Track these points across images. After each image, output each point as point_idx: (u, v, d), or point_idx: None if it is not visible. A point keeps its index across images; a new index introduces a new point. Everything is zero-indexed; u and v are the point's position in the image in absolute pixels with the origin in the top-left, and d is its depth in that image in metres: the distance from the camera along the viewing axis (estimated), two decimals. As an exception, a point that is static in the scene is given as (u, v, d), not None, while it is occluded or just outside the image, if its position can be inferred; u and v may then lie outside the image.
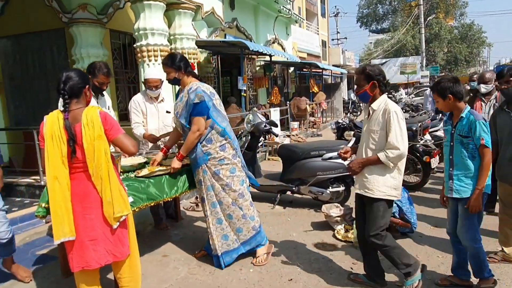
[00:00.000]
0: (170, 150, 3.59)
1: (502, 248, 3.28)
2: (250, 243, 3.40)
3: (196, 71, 3.48)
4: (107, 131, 2.37)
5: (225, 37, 10.60)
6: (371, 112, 2.75)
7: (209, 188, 3.27)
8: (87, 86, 2.41)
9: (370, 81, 2.69)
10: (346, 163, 3.36)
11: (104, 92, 3.73)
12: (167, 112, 4.22)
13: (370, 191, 2.71)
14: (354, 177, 2.95)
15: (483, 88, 4.61)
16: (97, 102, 3.54)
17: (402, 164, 2.71)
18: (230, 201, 3.29)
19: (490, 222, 3.84)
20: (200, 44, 8.37)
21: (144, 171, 3.24)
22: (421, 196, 5.28)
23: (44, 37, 6.77)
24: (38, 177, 5.54)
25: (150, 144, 4.18)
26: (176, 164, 3.26)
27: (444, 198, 2.92)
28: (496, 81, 3.82)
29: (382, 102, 2.71)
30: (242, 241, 3.37)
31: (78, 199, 2.36)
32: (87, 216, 2.38)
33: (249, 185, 3.54)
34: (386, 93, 2.79)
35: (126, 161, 3.49)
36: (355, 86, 2.85)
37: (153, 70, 4.86)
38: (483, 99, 4.70)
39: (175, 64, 3.21)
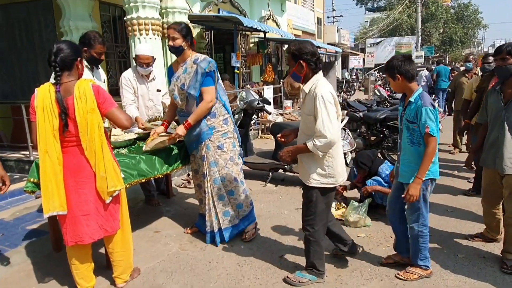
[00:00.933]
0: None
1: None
2: (248, 219, 3.45)
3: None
4: (100, 104, 2.32)
5: (218, 12, 10.36)
6: (303, 94, 2.58)
7: (212, 164, 3.23)
8: (79, 59, 2.34)
9: (296, 61, 2.51)
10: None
11: (99, 66, 3.63)
12: (158, 90, 4.11)
13: (305, 180, 2.61)
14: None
15: (487, 66, 4.65)
16: (93, 75, 3.45)
17: (336, 148, 2.55)
18: (233, 176, 3.29)
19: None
20: (193, 19, 8.17)
21: (148, 142, 3.16)
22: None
23: (31, 8, 6.52)
24: (27, 152, 5.47)
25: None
26: (181, 130, 3.07)
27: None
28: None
29: (313, 84, 2.50)
30: (242, 217, 3.40)
31: (71, 174, 2.34)
32: (80, 191, 2.36)
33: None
34: (319, 72, 2.53)
35: (117, 137, 3.45)
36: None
37: (144, 45, 4.71)
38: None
39: (184, 31, 3.06)
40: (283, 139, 2.78)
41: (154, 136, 3.19)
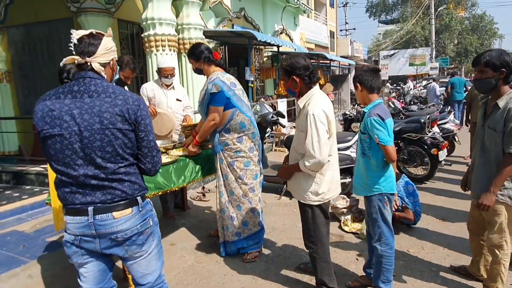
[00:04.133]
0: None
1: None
2: (253, 239, 3.37)
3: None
4: None
5: (232, 27, 10.54)
6: (298, 109, 2.53)
7: (226, 177, 3.31)
8: None
9: (290, 77, 2.45)
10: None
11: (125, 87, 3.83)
12: (177, 100, 4.25)
13: (297, 197, 2.57)
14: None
15: None
16: None
17: (326, 165, 2.44)
18: (240, 193, 3.30)
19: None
20: (208, 34, 8.33)
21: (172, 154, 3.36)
22: (428, 188, 5.26)
23: (52, 27, 6.79)
24: (47, 166, 5.61)
25: None
26: (192, 147, 3.31)
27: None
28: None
29: (307, 99, 2.42)
30: (246, 235, 3.34)
31: None
32: None
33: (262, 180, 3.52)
34: (315, 86, 2.47)
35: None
36: None
37: (167, 58, 4.86)
38: None
39: (195, 54, 3.27)
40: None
41: (176, 152, 3.40)
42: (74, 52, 1.66)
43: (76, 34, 1.68)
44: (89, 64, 1.65)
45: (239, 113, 3.19)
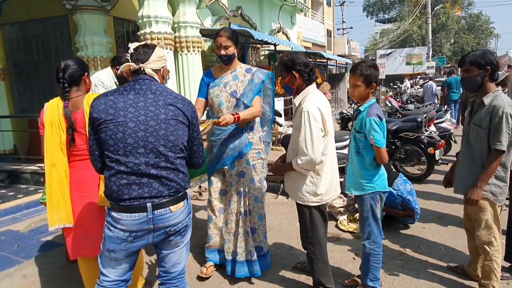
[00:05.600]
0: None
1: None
2: (265, 258, 3.11)
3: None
4: None
5: (229, 26, 10.51)
6: (294, 107, 2.49)
7: (252, 181, 2.98)
8: (86, 74, 2.39)
9: (289, 72, 2.40)
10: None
11: None
12: None
13: (293, 197, 2.54)
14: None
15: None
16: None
17: (323, 166, 2.41)
18: (264, 198, 3.09)
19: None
20: (204, 33, 8.30)
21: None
22: (425, 187, 5.27)
23: (48, 24, 6.74)
24: (43, 165, 5.57)
25: None
26: (229, 118, 2.68)
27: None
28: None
29: (303, 97, 2.39)
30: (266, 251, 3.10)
31: (76, 188, 2.36)
32: (83, 205, 2.38)
33: None
34: (312, 84, 2.43)
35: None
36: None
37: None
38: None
39: (235, 38, 2.87)
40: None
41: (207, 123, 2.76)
42: (129, 60, 1.84)
43: (132, 45, 1.88)
44: (142, 69, 1.81)
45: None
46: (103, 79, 3.87)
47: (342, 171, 4.80)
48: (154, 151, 1.71)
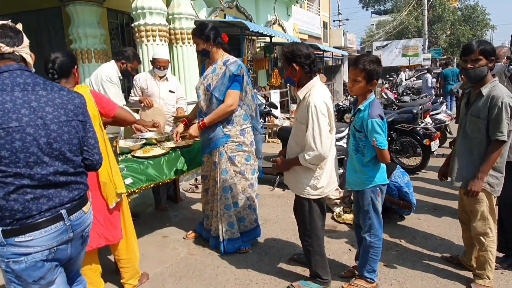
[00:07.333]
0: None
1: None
2: (249, 236, 3.33)
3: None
4: (105, 108, 2.36)
5: (224, 17, 10.43)
6: (298, 100, 2.45)
7: (224, 172, 3.12)
8: (75, 66, 2.36)
9: (290, 64, 2.36)
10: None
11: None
12: (170, 91, 4.22)
13: (294, 190, 2.54)
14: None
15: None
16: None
17: (327, 161, 2.42)
18: (240, 189, 3.18)
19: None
20: (200, 24, 8.23)
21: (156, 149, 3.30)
22: (420, 179, 5.29)
23: (40, 16, 6.66)
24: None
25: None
26: (193, 131, 3.05)
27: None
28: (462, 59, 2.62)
29: (308, 90, 2.35)
30: (242, 231, 3.28)
31: None
32: None
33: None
34: (316, 76, 2.39)
35: (125, 143, 3.48)
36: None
37: (162, 50, 4.84)
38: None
39: (204, 34, 2.98)
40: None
41: (176, 138, 3.30)
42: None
43: None
44: (18, 54, 1.62)
45: (243, 105, 3.08)
46: (111, 75, 3.73)
47: (339, 163, 4.82)
48: (61, 158, 1.53)
